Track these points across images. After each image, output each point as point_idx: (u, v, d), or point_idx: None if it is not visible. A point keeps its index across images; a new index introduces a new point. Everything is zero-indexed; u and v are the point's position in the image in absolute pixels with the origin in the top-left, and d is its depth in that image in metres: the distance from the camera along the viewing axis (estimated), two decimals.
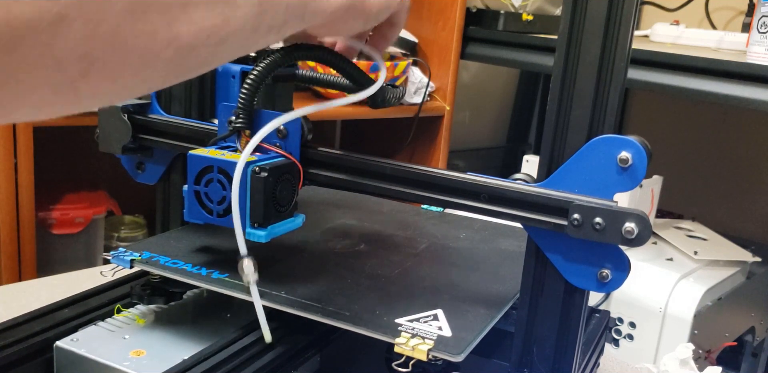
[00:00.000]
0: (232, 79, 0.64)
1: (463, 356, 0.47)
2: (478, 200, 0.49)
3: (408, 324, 0.50)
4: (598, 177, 0.46)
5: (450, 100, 1.38)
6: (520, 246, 0.54)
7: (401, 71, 1.24)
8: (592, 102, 0.46)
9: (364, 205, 0.79)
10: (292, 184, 0.53)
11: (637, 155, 0.44)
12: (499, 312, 0.54)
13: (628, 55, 0.46)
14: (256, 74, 0.53)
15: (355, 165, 0.53)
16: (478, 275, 0.61)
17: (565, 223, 0.46)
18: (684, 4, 1.53)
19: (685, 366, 0.67)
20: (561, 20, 0.46)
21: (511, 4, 1.42)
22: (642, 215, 0.44)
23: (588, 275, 0.47)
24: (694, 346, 0.77)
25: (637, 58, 1.08)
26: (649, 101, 1.73)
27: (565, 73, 0.47)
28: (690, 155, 1.65)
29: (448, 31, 1.36)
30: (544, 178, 0.48)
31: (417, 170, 0.51)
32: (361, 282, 0.57)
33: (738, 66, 1.01)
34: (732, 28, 1.54)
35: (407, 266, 0.62)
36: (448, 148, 1.43)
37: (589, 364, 0.60)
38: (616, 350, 1.09)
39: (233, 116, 0.55)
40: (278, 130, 0.55)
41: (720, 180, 1.62)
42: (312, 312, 0.51)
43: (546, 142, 0.48)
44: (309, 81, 0.62)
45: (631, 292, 1.06)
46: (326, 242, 0.66)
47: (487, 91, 1.87)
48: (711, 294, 1.05)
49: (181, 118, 0.63)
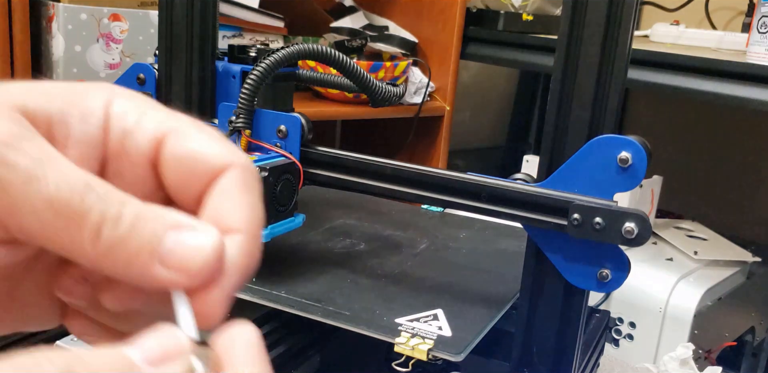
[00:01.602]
0: (233, 79, 0.64)
1: (463, 356, 0.47)
2: (478, 200, 0.49)
3: (408, 324, 0.50)
4: (598, 177, 0.46)
5: (450, 100, 1.38)
6: (520, 246, 0.54)
7: (401, 71, 1.24)
8: (592, 102, 0.46)
9: (364, 205, 0.79)
10: (292, 184, 0.53)
11: (637, 155, 0.44)
12: (499, 312, 0.54)
13: (628, 55, 0.46)
14: (257, 74, 0.53)
15: (355, 165, 0.53)
16: (478, 275, 0.61)
17: (565, 223, 0.46)
18: (684, 4, 1.53)
19: (685, 366, 0.67)
20: (561, 20, 0.46)
21: (511, 4, 1.42)
22: (642, 215, 0.44)
23: (588, 275, 0.47)
24: (694, 346, 0.77)
25: (637, 58, 1.08)
26: (649, 101, 1.73)
27: (565, 73, 0.47)
28: (690, 155, 1.65)
29: (448, 31, 1.36)
30: (544, 178, 0.48)
31: (417, 170, 0.51)
32: (361, 282, 0.57)
33: (738, 66, 1.01)
34: (732, 28, 1.54)
35: (407, 266, 0.62)
36: (448, 148, 1.43)
37: (589, 364, 0.60)
38: (616, 350, 1.08)
39: (233, 116, 0.55)
40: (278, 129, 0.55)
41: (720, 180, 1.62)
42: (312, 312, 0.51)
43: (546, 142, 0.48)
44: (309, 81, 0.62)
45: (631, 292, 1.06)
46: (326, 242, 0.66)
47: (487, 91, 1.87)
48: (711, 294, 1.05)
49: None
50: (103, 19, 0.95)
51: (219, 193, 0.23)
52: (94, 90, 0.23)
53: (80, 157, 0.23)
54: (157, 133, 0.23)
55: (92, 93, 0.23)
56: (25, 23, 0.90)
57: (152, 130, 0.23)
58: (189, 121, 0.24)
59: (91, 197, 0.20)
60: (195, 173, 0.23)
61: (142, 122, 0.23)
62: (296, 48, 0.54)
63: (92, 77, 0.96)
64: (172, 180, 0.23)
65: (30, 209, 0.20)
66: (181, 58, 0.64)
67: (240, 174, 0.23)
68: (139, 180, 0.24)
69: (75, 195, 0.20)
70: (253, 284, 0.55)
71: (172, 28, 0.63)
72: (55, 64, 0.94)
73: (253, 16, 1.18)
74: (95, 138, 0.23)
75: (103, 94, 0.23)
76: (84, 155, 0.23)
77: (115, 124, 0.23)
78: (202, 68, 0.64)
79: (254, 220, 0.23)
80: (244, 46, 0.65)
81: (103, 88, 0.24)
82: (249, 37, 1.20)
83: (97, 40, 0.96)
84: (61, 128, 0.22)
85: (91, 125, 0.23)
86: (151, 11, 0.99)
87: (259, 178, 0.24)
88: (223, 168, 0.23)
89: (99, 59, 0.96)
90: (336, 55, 0.57)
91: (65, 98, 0.23)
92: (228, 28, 1.16)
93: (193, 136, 0.23)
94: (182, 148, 0.23)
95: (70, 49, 0.94)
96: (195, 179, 0.23)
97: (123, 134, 0.23)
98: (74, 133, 0.23)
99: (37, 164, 0.20)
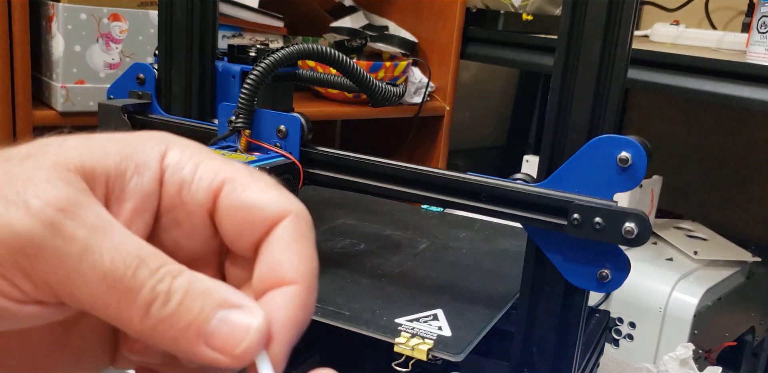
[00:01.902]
0: (233, 79, 0.64)
1: (463, 356, 0.47)
2: (478, 200, 0.49)
3: (408, 324, 0.50)
4: (598, 177, 0.46)
5: (450, 100, 1.38)
6: (520, 246, 0.54)
7: (401, 71, 1.24)
8: (592, 102, 0.46)
9: (364, 205, 0.79)
10: (292, 184, 0.53)
11: (637, 155, 0.44)
12: (499, 312, 0.54)
13: (628, 55, 0.45)
14: (257, 74, 0.53)
15: (355, 165, 0.53)
16: (478, 275, 0.61)
17: (565, 223, 0.46)
18: (684, 4, 1.53)
19: (685, 366, 0.67)
20: (561, 20, 0.46)
21: (511, 4, 1.42)
22: (642, 215, 0.44)
23: (588, 275, 0.47)
24: (694, 346, 0.77)
25: (637, 58, 1.08)
26: (649, 101, 1.73)
27: (565, 73, 0.47)
28: (690, 155, 1.65)
29: (448, 31, 1.36)
30: (544, 178, 0.48)
31: (417, 170, 0.51)
32: (361, 282, 0.57)
33: (738, 66, 1.00)
34: (732, 28, 1.54)
35: (407, 266, 0.62)
36: (448, 148, 1.43)
37: (589, 364, 0.60)
38: (616, 350, 1.08)
39: (233, 116, 0.55)
40: (278, 129, 0.55)
41: (720, 180, 1.61)
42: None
43: (546, 142, 0.48)
44: (309, 81, 0.62)
45: (631, 292, 1.06)
46: (326, 242, 0.66)
47: (487, 91, 1.87)
48: (711, 294, 1.05)
49: (181, 117, 0.63)
50: (102, 19, 0.95)
51: (275, 243, 0.23)
52: (149, 141, 0.24)
53: (135, 211, 0.23)
54: (213, 184, 0.23)
55: (148, 145, 0.23)
56: (25, 23, 0.90)
57: (208, 182, 0.23)
58: (244, 169, 0.24)
59: (143, 272, 0.20)
60: (252, 223, 0.23)
61: (198, 173, 0.23)
62: (296, 48, 0.54)
63: (92, 77, 0.96)
64: (230, 230, 0.24)
65: (83, 281, 0.20)
66: (181, 58, 0.64)
67: (295, 223, 0.23)
68: (196, 229, 0.24)
69: (128, 271, 0.20)
70: None
71: (172, 28, 0.63)
72: (55, 64, 0.94)
73: (253, 16, 1.18)
74: (151, 191, 0.23)
75: (158, 145, 0.24)
76: (139, 208, 0.23)
77: (170, 176, 0.23)
78: (202, 68, 0.64)
79: (310, 270, 0.23)
80: (244, 46, 0.65)
81: (158, 139, 0.24)
82: (249, 37, 1.20)
83: (97, 40, 0.96)
84: (117, 183, 0.23)
85: (147, 178, 0.23)
86: (151, 11, 0.99)
87: (312, 224, 0.24)
88: (280, 217, 0.23)
89: (99, 59, 0.96)
90: (336, 55, 0.57)
91: (121, 152, 0.23)
92: (228, 28, 1.16)
93: (249, 186, 0.23)
94: (239, 199, 0.23)
95: (69, 49, 0.94)
96: (252, 229, 0.23)
97: (179, 186, 0.23)
98: (130, 187, 0.23)
99: (93, 235, 0.20)
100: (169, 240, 0.24)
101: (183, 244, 0.24)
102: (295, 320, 0.22)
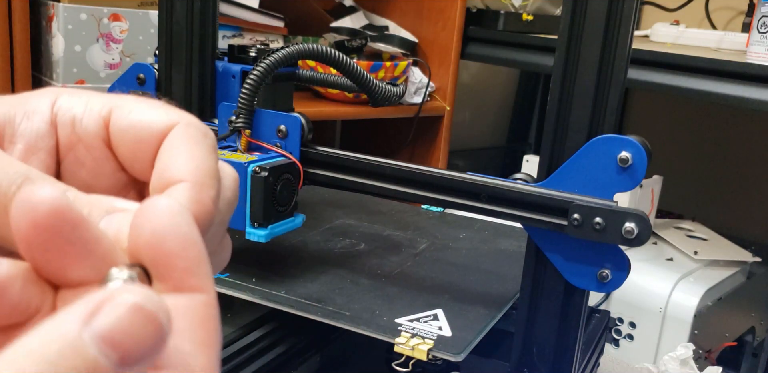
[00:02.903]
0: (233, 79, 0.64)
1: (463, 355, 0.47)
2: (478, 200, 0.49)
3: (408, 324, 0.50)
4: (598, 177, 0.46)
5: (450, 100, 1.38)
6: (520, 246, 0.54)
7: (401, 71, 1.24)
8: (592, 102, 0.46)
9: (364, 205, 0.79)
10: (292, 184, 0.53)
11: (637, 155, 0.44)
12: (499, 312, 0.54)
13: (628, 55, 0.45)
14: (257, 74, 0.53)
15: (355, 165, 0.53)
16: (478, 275, 0.61)
17: (565, 223, 0.46)
18: (684, 4, 1.53)
19: (685, 366, 0.67)
20: (561, 20, 0.46)
21: (511, 4, 1.42)
22: (642, 215, 0.44)
23: (588, 275, 0.47)
24: (694, 346, 0.77)
25: (637, 58, 1.08)
26: (649, 101, 1.73)
27: (565, 73, 0.47)
28: (690, 155, 1.65)
29: (448, 31, 1.36)
30: (544, 178, 0.48)
31: (417, 170, 0.51)
32: (361, 282, 0.57)
33: (738, 66, 1.00)
34: (732, 28, 1.54)
35: (407, 266, 0.62)
36: (448, 148, 1.43)
37: (589, 364, 0.60)
38: (616, 350, 1.08)
39: (233, 116, 0.55)
40: (278, 129, 0.55)
41: (720, 180, 1.61)
42: (312, 312, 0.51)
43: (546, 142, 0.48)
44: (309, 81, 0.62)
45: (631, 292, 1.06)
46: (326, 242, 0.66)
47: (487, 91, 1.87)
48: (711, 294, 1.05)
49: None
50: (103, 19, 0.95)
51: (164, 152, 0.23)
52: (41, 94, 0.25)
53: (28, 151, 0.24)
54: (102, 113, 0.24)
55: (37, 95, 0.25)
56: (25, 23, 0.90)
57: (97, 112, 0.24)
58: (132, 97, 0.25)
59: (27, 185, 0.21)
60: (142, 141, 0.23)
61: (87, 107, 0.24)
62: (296, 48, 0.54)
63: (92, 77, 0.96)
64: (126, 154, 0.24)
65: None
66: (181, 58, 0.64)
67: (183, 130, 0.23)
68: (99, 164, 0.25)
69: (12, 186, 0.20)
70: (253, 284, 0.55)
71: (172, 28, 0.63)
72: (55, 64, 0.94)
73: (253, 16, 1.18)
74: (42, 131, 0.24)
75: (49, 94, 0.25)
76: (32, 148, 0.24)
77: (62, 116, 0.24)
78: (202, 68, 0.64)
79: (201, 169, 0.22)
80: (244, 46, 0.65)
81: (50, 91, 0.25)
82: (249, 37, 1.20)
83: (97, 40, 0.96)
84: (8, 129, 0.24)
85: (36, 120, 0.24)
86: (151, 11, 0.99)
87: (206, 131, 0.24)
88: (168, 129, 0.23)
89: (99, 59, 0.96)
90: (336, 55, 0.57)
91: (11, 103, 0.24)
92: (228, 28, 1.16)
93: (135, 108, 0.24)
94: (126, 120, 0.24)
95: (70, 49, 0.94)
96: (144, 147, 0.24)
97: (72, 123, 0.24)
98: (20, 131, 0.24)
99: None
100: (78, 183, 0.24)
101: (93, 184, 0.25)
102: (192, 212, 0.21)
